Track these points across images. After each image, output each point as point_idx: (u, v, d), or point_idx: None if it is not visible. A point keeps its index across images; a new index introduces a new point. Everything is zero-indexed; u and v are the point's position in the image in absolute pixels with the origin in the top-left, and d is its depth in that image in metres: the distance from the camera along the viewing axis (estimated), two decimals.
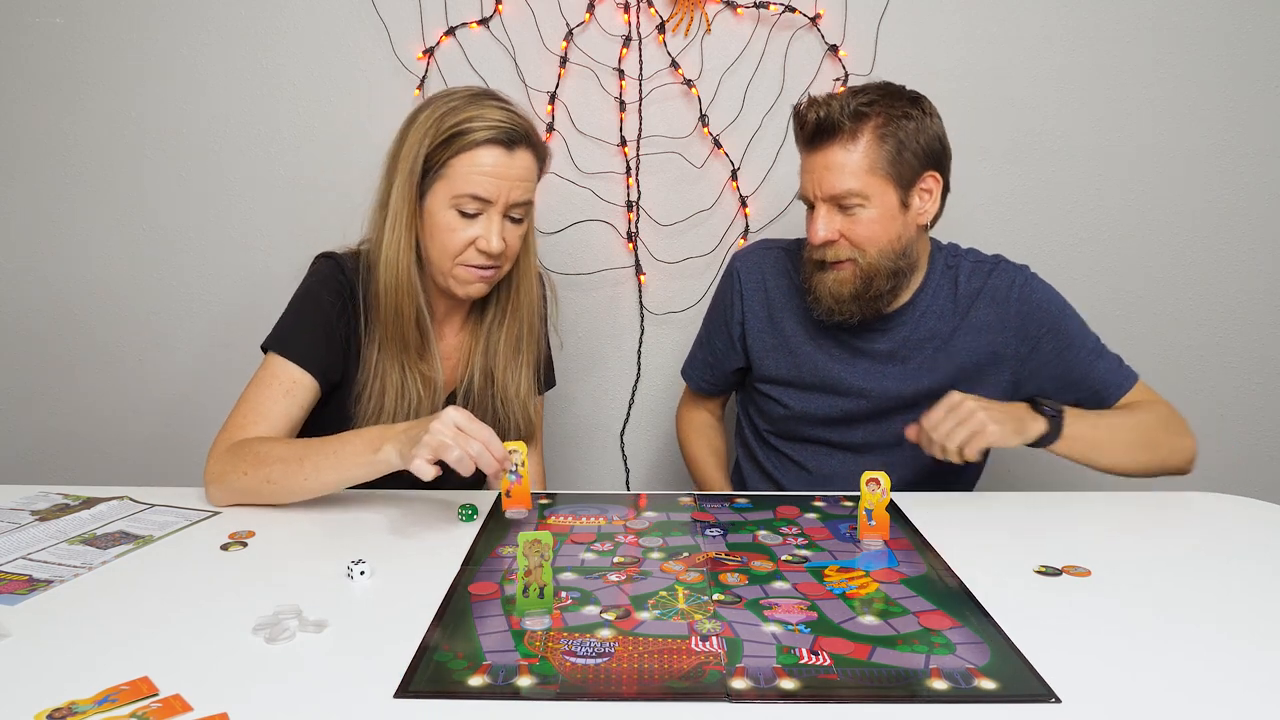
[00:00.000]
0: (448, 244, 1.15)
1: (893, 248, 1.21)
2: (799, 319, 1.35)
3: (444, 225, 1.14)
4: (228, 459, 1.09)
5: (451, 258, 1.16)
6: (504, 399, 1.28)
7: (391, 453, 1.00)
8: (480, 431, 0.97)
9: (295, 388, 1.16)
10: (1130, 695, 0.68)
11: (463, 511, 1.05)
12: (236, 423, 1.14)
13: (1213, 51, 1.70)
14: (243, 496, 1.09)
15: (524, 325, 1.28)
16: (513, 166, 1.14)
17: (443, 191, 1.13)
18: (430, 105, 1.15)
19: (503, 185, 1.13)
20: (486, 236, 1.14)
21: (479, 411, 1.26)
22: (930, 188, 1.22)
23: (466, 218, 1.14)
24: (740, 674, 0.70)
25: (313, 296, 1.21)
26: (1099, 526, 1.03)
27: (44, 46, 1.73)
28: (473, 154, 1.12)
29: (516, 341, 1.28)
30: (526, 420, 1.30)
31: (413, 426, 1.01)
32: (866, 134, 1.18)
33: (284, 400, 1.15)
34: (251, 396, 1.16)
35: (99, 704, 0.65)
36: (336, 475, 1.05)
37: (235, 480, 1.08)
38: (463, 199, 1.13)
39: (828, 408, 1.33)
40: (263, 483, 1.06)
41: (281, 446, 1.08)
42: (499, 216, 1.15)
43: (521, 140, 1.14)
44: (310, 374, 1.17)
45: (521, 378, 1.29)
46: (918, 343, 1.29)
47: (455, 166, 1.12)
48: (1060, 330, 1.27)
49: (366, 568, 0.88)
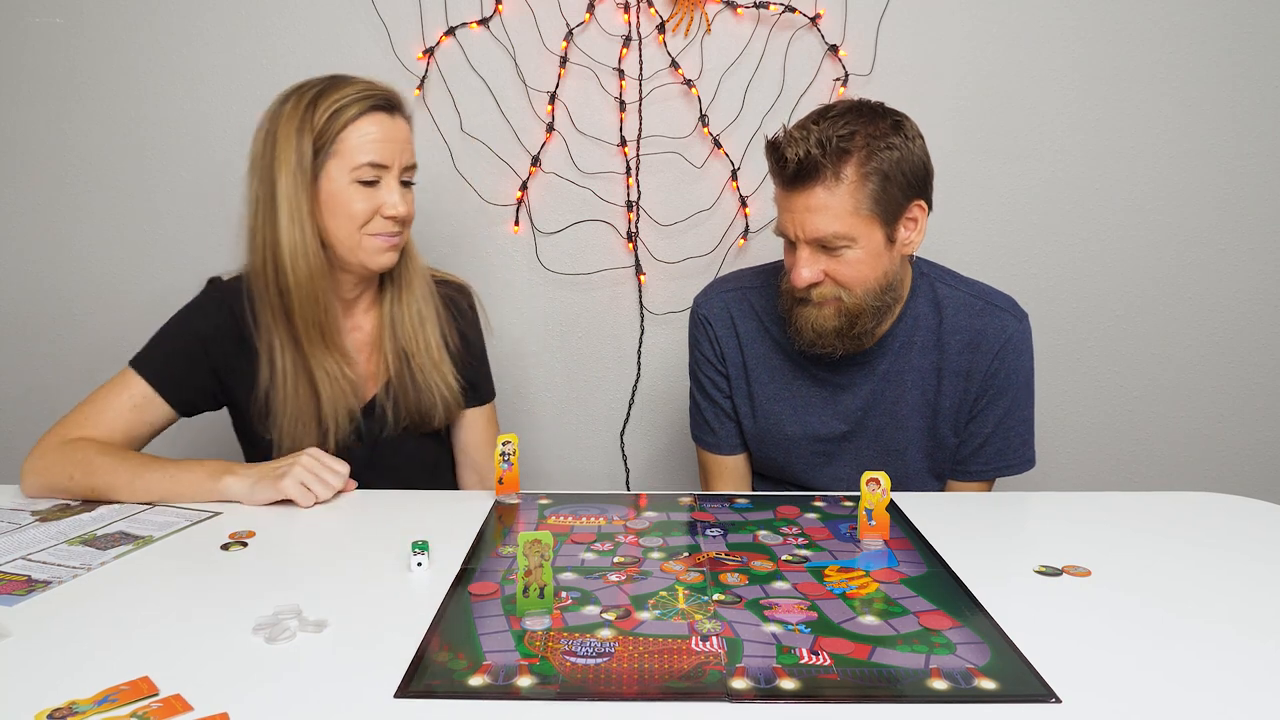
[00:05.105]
0: (355, 216, 1.16)
1: (879, 284, 1.16)
2: (770, 371, 1.30)
3: (346, 200, 1.15)
4: (56, 457, 1.12)
5: (359, 229, 1.16)
6: (422, 373, 1.26)
7: (235, 485, 1.09)
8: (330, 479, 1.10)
9: (146, 405, 1.19)
10: (1130, 695, 0.68)
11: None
12: (76, 420, 1.17)
13: (1214, 51, 1.70)
14: (60, 494, 1.12)
15: (419, 294, 1.27)
16: (397, 130, 1.18)
17: (337, 169, 1.14)
18: (288, 101, 1.16)
19: (394, 148, 1.16)
20: (391, 201, 1.17)
21: (403, 397, 1.26)
22: (916, 216, 1.16)
23: (366, 187, 1.15)
24: (740, 674, 0.70)
25: (189, 325, 1.22)
26: (1099, 526, 1.03)
27: (44, 46, 1.73)
28: (358, 125, 1.14)
29: (418, 312, 1.27)
30: (451, 390, 1.28)
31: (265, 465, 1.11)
32: (849, 172, 1.10)
33: (130, 414, 1.19)
34: (98, 399, 1.19)
35: (99, 704, 0.65)
36: (167, 499, 1.11)
37: (58, 480, 1.11)
38: (361, 169, 1.14)
39: (804, 455, 1.30)
40: (86, 490, 1.11)
41: (115, 461, 1.12)
42: (396, 181, 1.17)
43: (396, 106, 1.19)
44: (164, 398, 1.20)
45: (431, 344, 1.27)
46: (897, 375, 1.26)
47: (345, 141, 1.14)
48: (1014, 399, 1.24)
49: (425, 559, 0.90)
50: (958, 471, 1.29)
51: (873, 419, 1.27)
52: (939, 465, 1.29)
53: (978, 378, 1.24)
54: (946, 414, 1.26)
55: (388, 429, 1.26)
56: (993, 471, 1.27)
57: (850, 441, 1.29)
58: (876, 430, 1.28)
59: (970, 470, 1.28)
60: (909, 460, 1.28)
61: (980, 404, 1.25)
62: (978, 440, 1.26)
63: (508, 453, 1.10)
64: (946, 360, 1.24)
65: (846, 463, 1.29)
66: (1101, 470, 1.87)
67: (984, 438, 1.25)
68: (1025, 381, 1.26)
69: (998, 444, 1.26)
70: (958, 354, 1.24)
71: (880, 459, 1.28)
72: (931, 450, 1.28)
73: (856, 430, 1.28)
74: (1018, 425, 1.26)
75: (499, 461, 1.10)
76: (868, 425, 1.28)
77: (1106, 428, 1.86)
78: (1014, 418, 1.25)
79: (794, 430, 1.29)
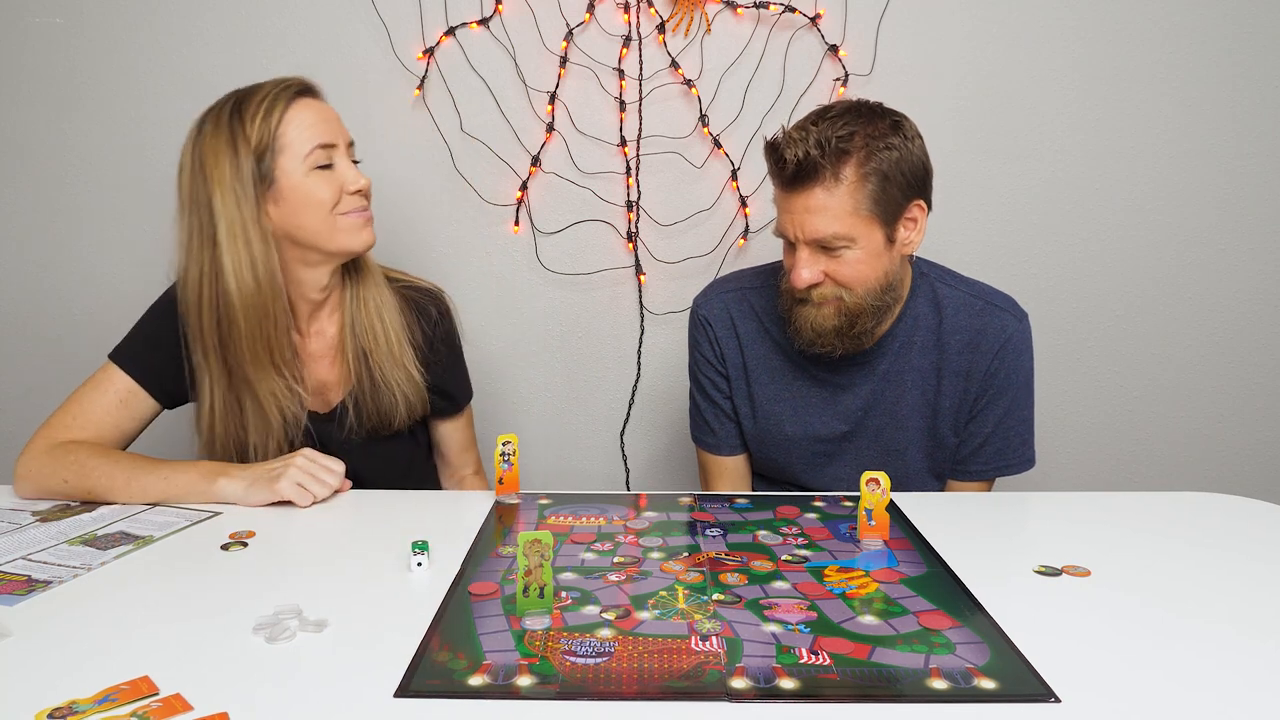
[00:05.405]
0: (323, 201, 1.15)
1: (879, 284, 1.16)
2: (770, 371, 1.30)
3: (309, 189, 1.14)
4: (47, 461, 1.12)
5: (330, 212, 1.15)
6: (381, 370, 1.24)
7: (230, 487, 1.09)
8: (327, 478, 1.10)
9: (131, 400, 1.19)
10: (1130, 695, 0.68)
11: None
12: (62, 421, 1.16)
13: (1214, 51, 1.70)
14: (53, 496, 1.12)
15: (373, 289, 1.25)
16: (326, 110, 1.18)
17: (290, 164, 1.13)
18: (204, 125, 1.15)
19: (333, 126, 1.17)
20: (351, 176, 1.17)
21: (362, 399, 1.24)
22: (915, 216, 1.16)
23: (323, 171, 1.15)
24: (740, 674, 0.70)
25: (166, 317, 1.21)
26: (1099, 526, 1.03)
27: (44, 46, 1.73)
28: (290, 115, 1.14)
29: (375, 307, 1.25)
30: (414, 388, 1.26)
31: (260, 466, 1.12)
32: (849, 173, 1.10)
33: (117, 410, 1.18)
34: (82, 398, 1.18)
35: (99, 703, 0.65)
36: (163, 500, 1.10)
37: (51, 484, 1.11)
38: (313, 154, 1.14)
39: (804, 455, 1.30)
40: (82, 493, 1.11)
41: (108, 463, 1.11)
42: (347, 158, 1.18)
43: (314, 90, 1.19)
44: (148, 391, 1.19)
45: (391, 339, 1.24)
46: (897, 375, 1.26)
47: (286, 135, 1.13)
48: (1014, 399, 1.24)
49: (425, 559, 0.90)
50: (958, 471, 1.29)
51: (872, 419, 1.27)
52: (939, 465, 1.29)
53: (977, 377, 1.24)
54: (946, 414, 1.26)
55: (353, 433, 1.25)
56: (993, 471, 1.27)
57: (850, 442, 1.29)
58: (876, 430, 1.28)
59: (970, 470, 1.28)
60: (909, 460, 1.28)
61: (980, 404, 1.25)
62: (978, 440, 1.26)
63: (508, 453, 1.10)
64: (946, 360, 1.24)
65: (846, 463, 1.29)
66: (1101, 470, 1.87)
67: (984, 437, 1.26)
68: (1025, 381, 1.26)
69: (997, 444, 1.26)
70: (958, 354, 1.24)
71: (880, 459, 1.28)
72: (931, 450, 1.28)
73: (856, 430, 1.28)
74: (1017, 425, 1.26)
75: (499, 461, 1.10)
76: (868, 425, 1.28)
77: (1106, 428, 1.86)
78: (1014, 417, 1.25)
79: (794, 431, 1.29)
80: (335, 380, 1.26)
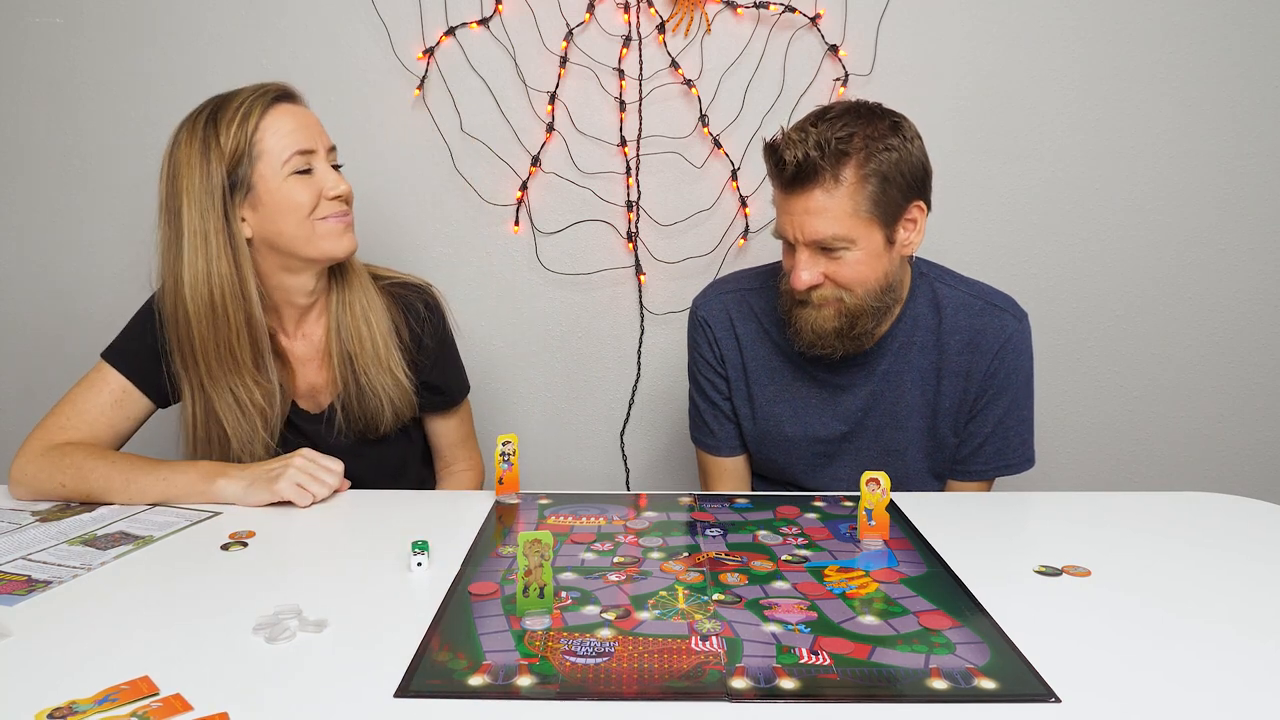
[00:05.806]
0: (301, 206, 1.14)
1: (879, 285, 1.16)
2: (770, 372, 1.29)
3: (287, 194, 1.13)
4: (44, 463, 1.12)
5: (308, 218, 1.14)
6: (366, 375, 1.23)
7: (229, 487, 1.09)
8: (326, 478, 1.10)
9: (126, 399, 1.19)
10: (1130, 695, 0.68)
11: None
12: (57, 423, 1.16)
13: (1214, 51, 1.70)
14: (50, 499, 1.12)
15: (358, 292, 1.24)
16: (306, 115, 1.17)
17: (268, 170, 1.13)
18: (180, 134, 1.14)
19: (312, 132, 1.16)
20: (331, 181, 1.16)
21: (349, 403, 1.24)
22: (915, 217, 1.16)
23: (302, 176, 1.14)
24: (740, 674, 0.70)
25: (154, 317, 1.20)
26: (1099, 526, 1.03)
27: (44, 46, 1.73)
28: (268, 121, 1.13)
29: (360, 311, 1.24)
30: (401, 392, 1.25)
31: (259, 466, 1.11)
32: (848, 174, 1.09)
33: (112, 410, 1.18)
34: (77, 398, 1.18)
35: (99, 703, 0.65)
36: (162, 501, 1.10)
37: (49, 487, 1.11)
38: (291, 159, 1.13)
39: (804, 456, 1.30)
40: (80, 496, 1.11)
41: (106, 464, 1.11)
42: (326, 163, 1.17)
43: (293, 94, 1.18)
44: (142, 390, 1.19)
45: (378, 342, 1.23)
46: (896, 376, 1.25)
47: (263, 141, 1.12)
48: (1014, 399, 1.24)
49: (425, 559, 0.90)
50: (957, 471, 1.29)
51: (872, 419, 1.27)
52: (939, 465, 1.29)
53: (977, 377, 1.24)
54: (946, 414, 1.26)
55: (342, 435, 1.25)
56: (992, 471, 1.27)
57: (850, 442, 1.29)
58: (876, 430, 1.28)
59: (970, 470, 1.28)
60: (909, 460, 1.28)
61: (980, 404, 1.25)
62: (977, 440, 1.26)
63: (508, 453, 1.10)
64: (946, 360, 1.24)
65: (846, 463, 1.29)
66: (1101, 470, 1.87)
67: (984, 437, 1.26)
68: (1025, 381, 1.26)
69: (997, 443, 1.26)
70: (957, 354, 1.24)
71: (880, 459, 1.28)
72: (931, 450, 1.28)
73: (856, 431, 1.28)
74: (1017, 425, 1.26)
75: (499, 461, 1.10)
76: (867, 426, 1.28)
77: (1106, 428, 1.86)
78: (1013, 417, 1.25)
79: (794, 431, 1.29)
80: (324, 383, 1.26)
